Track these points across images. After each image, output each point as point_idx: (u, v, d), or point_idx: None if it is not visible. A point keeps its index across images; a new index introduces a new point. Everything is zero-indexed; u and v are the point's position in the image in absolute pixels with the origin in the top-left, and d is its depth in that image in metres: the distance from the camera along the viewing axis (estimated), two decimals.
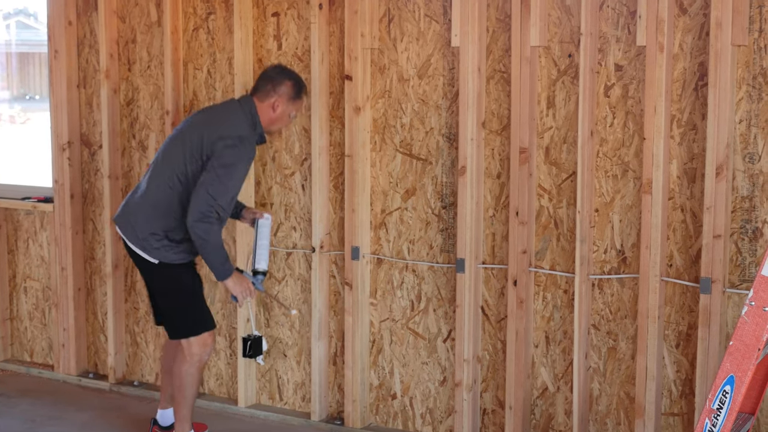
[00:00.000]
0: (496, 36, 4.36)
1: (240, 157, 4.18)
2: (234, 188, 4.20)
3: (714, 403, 2.84)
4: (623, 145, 4.16)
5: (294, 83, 4.34)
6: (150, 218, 4.30)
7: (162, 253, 4.30)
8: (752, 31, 3.86)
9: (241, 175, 4.22)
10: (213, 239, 4.14)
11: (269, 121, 4.33)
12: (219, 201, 4.11)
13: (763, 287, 2.79)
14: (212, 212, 4.10)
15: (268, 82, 4.32)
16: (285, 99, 4.31)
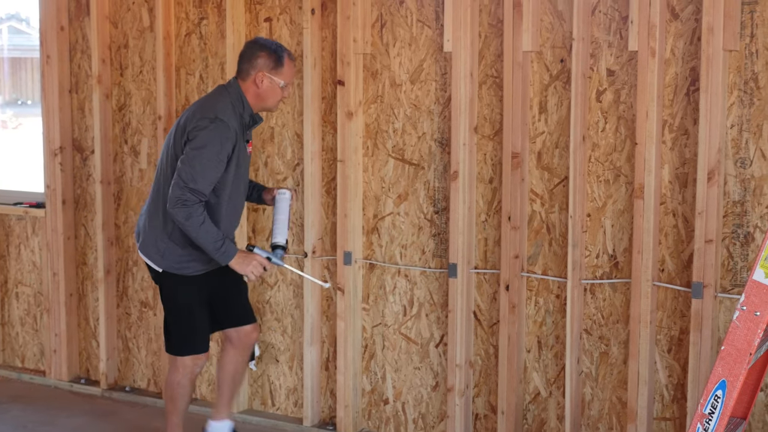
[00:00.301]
0: (489, 41, 4.36)
1: (210, 139, 3.97)
2: (208, 170, 3.98)
3: (706, 407, 2.84)
4: (615, 150, 4.16)
5: (269, 52, 4.12)
6: (153, 222, 4.20)
7: (167, 261, 4.18)
8: (744, 36, 3.87)
9: (214, 156, 3.98)
10: (194, 223, 3.95)
11: (257, 97, 4.14)
12: (191, 185, 3.93)
13: (755, 292, 2.79)
14: (187, 197, 3.93)
15: (244, 60, 4.15)
16: (266, 70, 4.10)
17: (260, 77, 4.10)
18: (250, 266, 4.10)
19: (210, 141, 3.97)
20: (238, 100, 4.11)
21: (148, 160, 5.23)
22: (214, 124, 3.99)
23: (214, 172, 3.99)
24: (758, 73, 3.86)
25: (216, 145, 3.98)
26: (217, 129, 3.99)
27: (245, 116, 4.13)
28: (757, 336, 2.79)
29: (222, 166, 4.02)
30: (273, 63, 4.11)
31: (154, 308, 5.31)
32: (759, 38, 3.85)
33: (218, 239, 4.02)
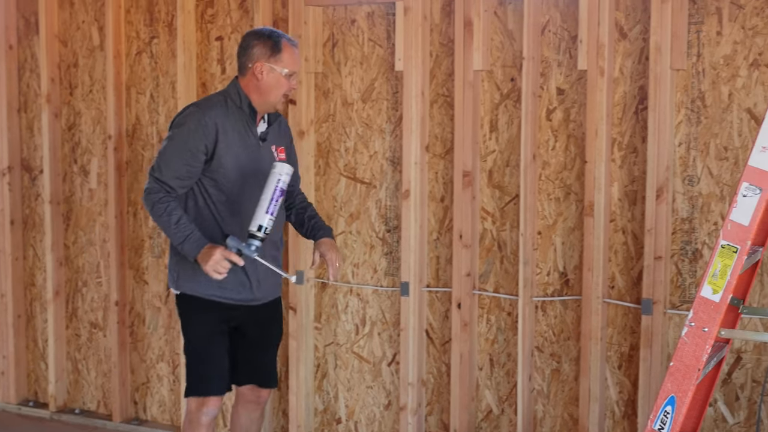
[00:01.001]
0: (440, 60, 4.37)
1: (179, 125, 3.63)
2: (173, 160, 3.60)
3: (656, 423, 2.85)
4: (565, 168, 4.18)
5: (263, 40, 3.71)
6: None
7: (178, 279, 3.77)
8: (691, 55, 3.91)
9: (180, 145, 3.60)
10: (155, 213, 3.59)
11: (259, 91, 3.70)
12: (156, 174, 3.60)
13: (703, 308, 2.81)
14: (151, 186, 3.59)
15: (240, 54, 3.75)
16: (263, 60, 3.67)
17: (258, 68, 3.68)
18: (210, 263, 3.52)
19: (179, 130, 3.63)
20: (234, 94, 3.71)
21: (98, 180, 5.18)
22: (185, 113, 3.69)
23: (180, 163, 3.60)
24: (705, 92, 3.90)
25: (183, 134, 3.61)
26: (188, 117, 3.65)
27: (244, 108, 3.71)
28: (706, 352, 2.80)
29: (192, 157, 3.61)
30: (269, 50, 3.69)
31: (104, 329, 5.25)
32: (705, 57, 3.89)
33: (182, 232, 3.57)
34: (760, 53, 3.81)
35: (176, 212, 3.59)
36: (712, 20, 3.87)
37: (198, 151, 3.61)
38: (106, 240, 5.17)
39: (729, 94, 3.87)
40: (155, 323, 5.11)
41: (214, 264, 3.51)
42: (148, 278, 5.10)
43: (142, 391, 5.20)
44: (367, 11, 4.50)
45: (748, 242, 2.75)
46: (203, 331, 3.78)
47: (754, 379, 3.94)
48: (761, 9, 3.79)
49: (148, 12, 4.97)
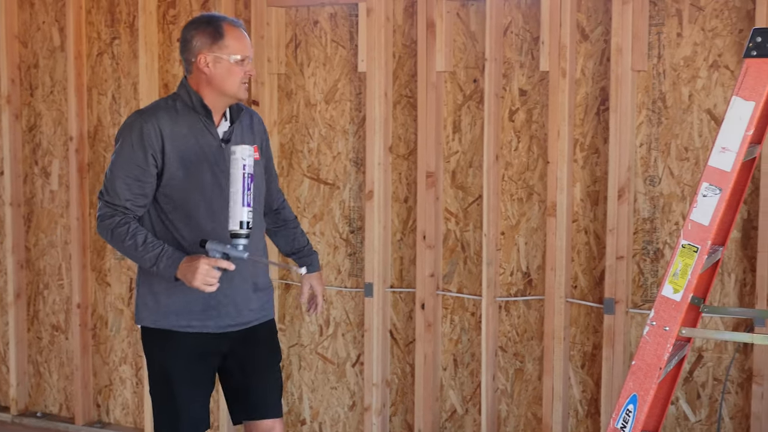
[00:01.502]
0: (403, 61, 4.37)
1: (119, 139, 3.22)
2: (120, 175, 3.18)
3: (618, 422, 2.86)
4: (528, 168, 4.20)
5: (202, 28, 3.27)
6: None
7: (142, 312, 3.33)
8: (651, 56, 3.94)
9: (126, 157, 3.18)
10: (117, 239, 3.17)
11: (211, 85, 3.26)
12: (106, 197, 3.20)
13: (664, 307, 2.83)
14: (103, 210, 3.19)
15: (182, 50, 3.32)
16: (206, 50, 3.23)
17: (202, 60, 3.23)
18: (197, 276, 3.06)
19: (120, 144, 3.22)
20: (184, 94, 3.28)
21: (60, 182, 5.13)
22: (125, 123, 3.27)
23: (130, 179, 3.18)
24: (666, 93, 3.93)
25: (126, 148, 3.19)
26: (128, 128, 3.22)
27: (197, 108, 3.26)
28: (667, 351, 2.82)
29: (142, 172, 3.19)
30: (210, 38, 3.24)
31: (66, 332, 5.20)
32: (666, 59, 3.92)
33: (151, 252, 3.15)
34: (719, 55, 3.84)
35: (140, 233, 3.16)
36: (673, 22, 3.89)
37: (146, 164, 3.18)
38: (67, 242, 5.12)
39: (689, 95, 3.90)
40: (118, 325, 5.07)
41: (203, 277, 3.06)
42: (110, 280, 5.06)
43: (104, 394, 5.16)
44: (329, 12, 4.49)
45: (708, 242, 2.77)
46: (170, 367, 3.30)
47: (715, 378, 3.97)
48: (720, 11, 3.82)
49: (109, 13, 4.94)
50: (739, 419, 3.95)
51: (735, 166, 2.74)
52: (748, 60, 2.74)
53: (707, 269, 2.99)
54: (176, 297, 3.25)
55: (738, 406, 3.95)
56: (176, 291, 3.22)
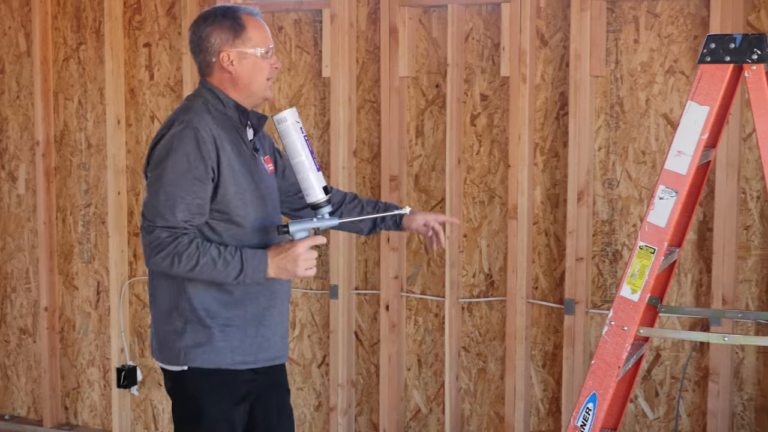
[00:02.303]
0: (366, 67, 4.36)
1: (171, 151, 2.73)
2: (178, 194, 2.71)
3: (578, 420, 2.87)
4: (489, 172, 4.20)
5: (219, 22, 2.86)
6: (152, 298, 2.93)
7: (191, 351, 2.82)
8: (609, 62, 3.95)
9: (181, 172, 2.71)
10: (188, 263, 2.70)
11: (237, 85, 2.88)
12: (160, 222, 2.71)
13: (622, 307, 2.84)
14: (160, 239, 2.70)
15: (196, 51, 2.90)
16: (228, 46, 2.84)
17: (225, 58, 2.84)
18: (300, 263, 2.75)
19: (173, 158, 2.73)
20: (212, 97, 2.87)
21: (26, 186, 5.08)
22: (171, 131, 2.77)
23: (188, 194, 2.72)
24: (623, 98, 3.95)
25: (180, 161, 2.72)
26: (179, 135, 2.74)
27: (230, 113, 2.88)
28: (625, 350, 2.83)
29: (202, 186, 2.74)
30: (231, 32, 2.86)
31: (33, 335, 5.15)
32: (623, 64, 3.94)
33: (234, 261, 2.73)
34: (675, 60, 3.87)
35: (211, 246, 2.72)
36: (630, 28, 3.92)
37: (206, 177, 2.74)
38: (35, 246, 5.07)
39: (646, 100, 3.92)
40: (85, 328, 5.03)
41: (305, 262, 2.75)
42: (77, 284, 5.02)
43: (72, 396, 5.12)
44: (294, 18, 4.48)
45: (665, 243, 2.79)
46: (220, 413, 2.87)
47: (673, 376, 4.00)
48: (676, 18, 3.85)
49: (75, 18, 4.90)
50: (696, 416, 3.98)
51: (690, 169, 2.76)
52: (703, 66, 2.76)
53: (664, 270, 3.01)
54: (232, 329, 2.83)
55: (695, 404, 3.97)
56: (230, 323, 2.83)
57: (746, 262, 3.83)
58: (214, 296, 2.82)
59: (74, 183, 4.96)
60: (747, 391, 3.90)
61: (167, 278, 2.81)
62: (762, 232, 3.81)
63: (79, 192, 4.96)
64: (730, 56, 2.73)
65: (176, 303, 2.83)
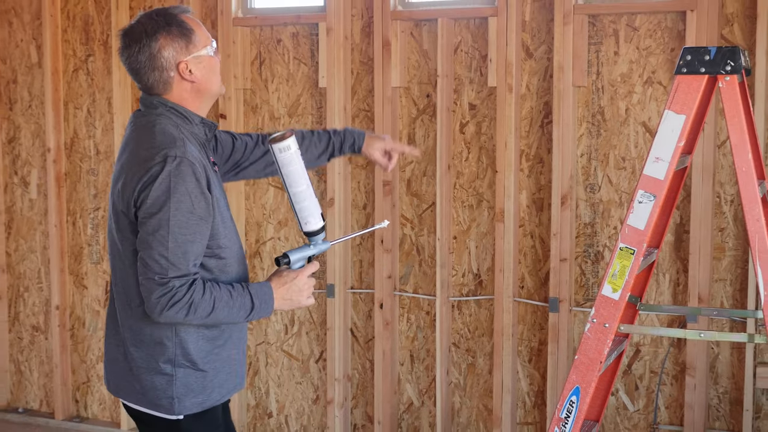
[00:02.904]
0: (361, 77, 4.36)
1: (174, 185, 2.34)
2: (188, 240, 2.37)
3: (562, 412, 2.87)
4: (477, 177, 4.20)
5: (166, 30, 2.46)
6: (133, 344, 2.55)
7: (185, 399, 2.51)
8: (590, 73, 3.95)
9: (186, 215, 2.36)
10: (202, 311, 2.39)
11: (200, 92, 2.53)
12: (173, 273, 2.35)
13: (603, 305, 2.84)
14: (174, 291, 2.35)
15: (146, 70, 2.47)
16: (183, 55, 2.47)
17: (184, 68, 2.48)
18: (304, 293, 2.56)
19: (172, 195, 2.35)
20: (178, 116, 2.49)
21: (38, 191, 5.06)
22: (166, 168, 2.35)
23: (198, 238, 2.40)
24: (604, 107, 3.95)
25: (184, 198, 2.36)
26: (176, 173, 2.35)
27: (197, 131, 2.53)
28: (607, 346, 2.83)
29: (205, 224, 2.42)
30: (182, 39, 2.48)
31: (45, 332, 5.13)
32: (604, 75, 3.94)
33: (243, 300, 2.46)
34: (653, 71, 3.87)
35: (221, 289, 2.43)
36: (610, 41, 3.91)
37: (208, 213, 2.43)
38: (46, 247, 5.06)
39: (626, 109, 3.92)
40: (94, 325, 5.01)
41: (309, 291, 2.57)
42: (87, 283, 5.00)
43: (82, 390, 5.10)
44: (292, 31, 4.47)
45: (644, 245, 2.79)
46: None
47: (652, 370, 4.00)
48: (654, 31, 3.85)
49: (84, 31, 4.88)
50: (674, 408, 3.97)
51: (668, 174, 2.76)
52: (679, 76, 2.76)
53: (643, 270, 3.01)
54: (219, 364, 2.56)
55: (673, 397, 3.97)
56: (218, 359, 2.55)
57: (721, 262, 3.83)
58: (204, 334, 2.51)
59: (84, 188, 4.95)
60: (722, 384, 3.90)
61: (158, 324, 2.46)
62: (736, 234, 3.81)
63: (88, 196, 4.94)
64: (705, 68, 2.73)
65: (163, 347, 2.49)
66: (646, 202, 2.77)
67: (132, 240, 2.43)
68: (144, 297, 2.38)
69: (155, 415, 2.53)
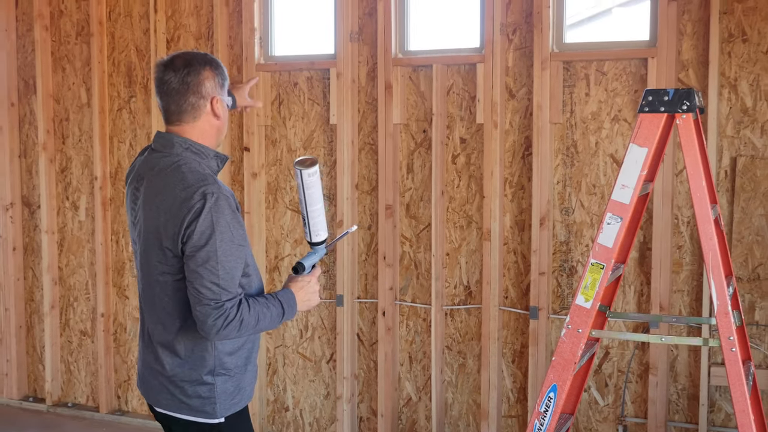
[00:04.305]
0: (366, 115, 4.37)
1: (216, 219, 2.28)
2: (232, 267, 2.33)
3: (541, 406, 2.85)
4: (467, 202, 4.20)
5: (214, 67, 2.43)
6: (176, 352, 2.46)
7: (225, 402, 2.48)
8: (565, 111, 3.96)
9: (229, 244, 2.31)
10: (248, 324, 2.35)
11: (219, 132, 2.47)
12: (224, 297, 2.30)
13: (577, 313, 2.83)
14: (227, 312, 2.30)
15: (188, 93, 2.39)
16: (218, 90, 2.42)
17: (216, 103, 2.41)
18: (314, 296, 2.56)
19: (216, 228, 2.29)
20: (196, 154, 2.41)
21: (86, 213, 5.07)
22: (207, 204, 2.29)
23: (240, 263, 2.37)
24: (577, 141, 3.95)
25: (225, 228, 2.31)
26: (216, 208, 2.30)
27: (212, 164, 2.45)
28: (580, 348, 2.82)
29: (244, 250, 2.38)
30: (222, 80, 2.44)
31: (91, 336, 5.13)
32: (577, 113, 3.94)
33: (276, 310, 2.43)
34: (619, 110, 3.87)
35: (257, 304, 2.39)
36: (582, 84, 3.92)
37: (244, 240, 2.40)
38: (93, 263, 5.06)
39: (596, 143, 3.92)
40: (134, 331, 5.00)
41: (318, 292, 2.58)
42: (128, 294, 5.00)
43: (123, 387, 5.08)
44: (306, 76, 4.48)
45: (612, 260, 2.78)
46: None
47: (620, 370, 3.98)
48: (620, 75, 3.86)
49: (127, 76, 4.90)
50: (639, 403, 3.95)
51: (633, 199, 2.76)
52: (642, 114, 2.77)
53: (611, 282, 3.00)
54: (247, 368, 2.53)
55: (638, 393, 3.95)
56: (245, 363, 2.52)
57: (679, 275, 3.83)
58: (235, 344, 2.47)
59: (125, 211, 4.94)
60: (681, 382, 3.88)
61: (195, 335, 2.42)
62: (692, 251, 3.81)
63: None
64: (664, 107, 2.74)
65: (204, 360, 2.44)
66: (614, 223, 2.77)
67: (175, 271, 2.37)
68: (200, 321, 2.31)
69: (196, 421, 2.47)
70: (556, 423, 2.86)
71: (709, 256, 2.70)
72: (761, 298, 3.73)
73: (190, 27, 4.69)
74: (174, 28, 4.73)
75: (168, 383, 2.47)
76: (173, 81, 2.38)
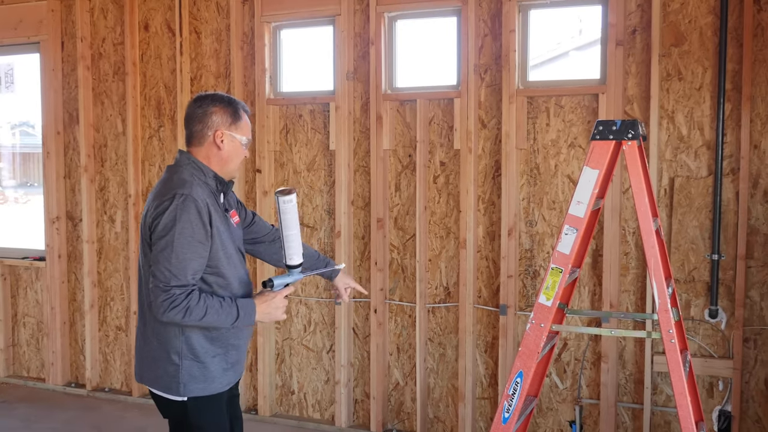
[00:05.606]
0: (360, 142, 4.37)
1: (179, 215, 2.33)
2: (187, 258, 2.33)
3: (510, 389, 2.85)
4: (447, 215, 4.20)
5: (224, 106, 2.49)
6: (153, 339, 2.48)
7: (189, 384, 2.45)
8: (529, 139, 3.97)
9: (188, 239, 2.33)
10: (196, 315, 2.34)
11: (222, 160, 2.49)
12: (174, 282, 2.32)
13: (540, 310, 2.83)
14: (174, 297, 2.31)
15: (195, 120, 2.49)
16: (224, 128, 2.48)
17: (219, 136, 2.47)
18: (280, 310, 2.50)
19: (179, 223, 2.33)
20: (196, 169, 2.46)
21: (121, 226, 5.05)
22: (174, 203, 2.34)
23: (196, 257, 2.36)
24: (539, 164, 3.96)
25: (186, 224, 2.33)
26: (181, 206, 2.34)
27: (210, 182, 2.47)
28: (542, 340, 2.82)
29: (203, 247, 2.37)
30: (230, 117, 2.49)
31: (126, 331, 5.10)
32: (539, 140, 3.96)
33: (229, 310, 2.40)
34: (575, 138, 3.89)
35: (213, 298, 2.39)
36: (543, 115, 3.94)
37: (206, 239, 2.38)
38: (127, 268, 5.04)
39: (555, 166, 3.93)
40: None
41: (283, 308, 2.51)
42: None
43: None
44: (309, 109, 4.49)
45: (569, 265, 2.78)
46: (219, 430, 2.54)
47: (576, 358, 3.98)
48: (575, 108, 3.88)
49: (157, 109, 4.90)
50: (593, 387, 3.95)
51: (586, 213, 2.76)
52: (594, 141, 2.78)
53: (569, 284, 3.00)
54: (218, 358, 2.49)
55: (592, 378, 3.95)
56: (217, 353, 2.49)
57: (626, 278, 3.83)
58: (206, 335, 2.45)
59: None
60: (628, 368, 3.88)
61: (167, 324, 2.42)
62: (637, 257, 3.82)
63: None
64: (612, 135, 2.75)
65: (173, 343, 2.44)
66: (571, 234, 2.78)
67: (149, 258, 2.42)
68: (152, 300, 2.34)
69: (167, 397, 2.47)
70: (522, 404, 2.86)
71: (652, 262, 2.71)
72: (695, 297, 3.74)
73: (211, 67, 4.70)
74: (197, 68, 4.73)
75: (150, 360, 2.49)
76: (192, 109, 2.51)
